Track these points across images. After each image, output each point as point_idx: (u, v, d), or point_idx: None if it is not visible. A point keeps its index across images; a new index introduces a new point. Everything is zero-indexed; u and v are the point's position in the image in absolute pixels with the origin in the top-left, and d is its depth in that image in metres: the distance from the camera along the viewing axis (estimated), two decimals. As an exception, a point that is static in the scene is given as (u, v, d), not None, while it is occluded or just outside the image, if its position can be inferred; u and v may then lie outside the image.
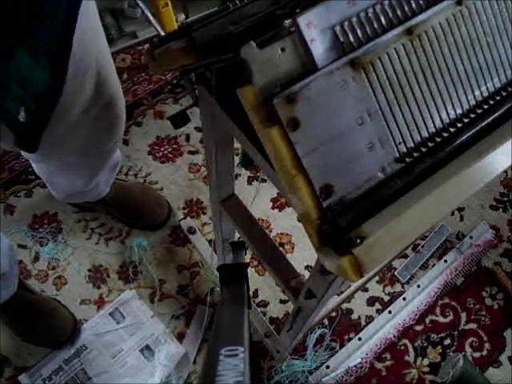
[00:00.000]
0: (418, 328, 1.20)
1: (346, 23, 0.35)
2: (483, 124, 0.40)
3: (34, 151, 0.60)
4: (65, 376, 1.09)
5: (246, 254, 0.76)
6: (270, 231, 1.29)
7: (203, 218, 1.31)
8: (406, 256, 1.27)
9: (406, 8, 0.37)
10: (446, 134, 0.39)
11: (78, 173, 0.98)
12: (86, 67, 0.67)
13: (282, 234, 1.29)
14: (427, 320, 1.21)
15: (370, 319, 1.20)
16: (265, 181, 1.34)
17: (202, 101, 0.56)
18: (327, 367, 1.11)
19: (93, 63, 0.69)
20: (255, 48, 0.32)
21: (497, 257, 1.31)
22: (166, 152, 1.38)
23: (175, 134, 1.40)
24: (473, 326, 1.22)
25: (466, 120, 0.40)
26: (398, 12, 0.37)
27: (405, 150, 0.38)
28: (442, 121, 0.39)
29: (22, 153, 0.81)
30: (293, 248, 1.28)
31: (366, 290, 1.24)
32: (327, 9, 0.34)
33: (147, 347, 1.13)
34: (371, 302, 1.23)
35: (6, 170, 1.31)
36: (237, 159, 1.36)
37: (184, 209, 1.31)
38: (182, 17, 1.54)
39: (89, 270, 1.21)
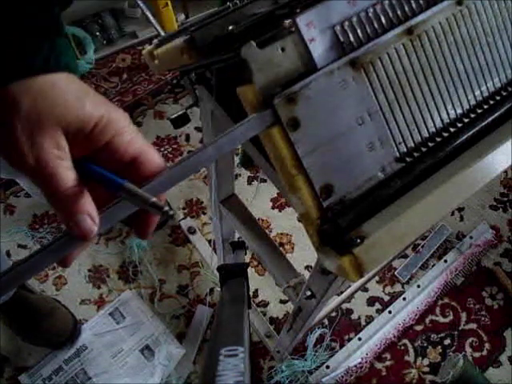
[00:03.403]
0: (418, 328, 1.20)
1: (346, 23, 0.35)
2: (483, 124, 0.40)
3: None
4: (65, 376, 1.08)
5: (245, 253, 0.76)
6: (270, 231, 1.29)
7: (203, 217, 1.31)
8: (406, 256, 1.27)
9: (406, 8, 0.37)
10: (446, 134, 0.39)
11: None
12: None
13: (282, 234, 1.29)
14: (427, 320, 1.21)
15: (370, 319, 1.19)
16: (265, 181, 1.34)
17: (201, 101, 0.56)
18: (327, 367, 1.11)
19: None
20: (255, 48, 0.32)
21: (497, 257, 1.31)
22: (166, 152, 1.38)
23: (175, 134, 1.40)
24: (473, 326, 1.22)
25: (466, 120, 0.40)
26: (398, 12, 0.37)
27: (405, 149, 0.38)
28: (442, 120, 0.39)
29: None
30: (293, 248, 1.28)
31: (366, 289, 1.24)
32: (327, 9, 0.34)
33: (147, 347, 1.13)
34: (371, 302, 1.23)
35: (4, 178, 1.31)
36: (237, 159, 1.36)
37: (184, 209, 1.31)
38: (182, 17, 1.55)
39: (89, 270, 1.21)
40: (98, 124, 0.28)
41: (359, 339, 1.15)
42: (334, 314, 1.19)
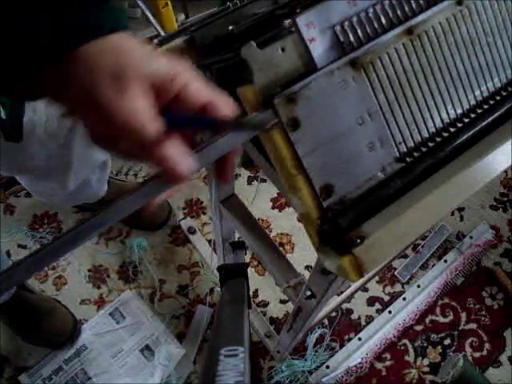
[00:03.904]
0: (418, 328, 1.20)
1: (346, 23, 0.35)
2: (483, 124, 0.40)
3: (19, 141, 0.65)
4: (65, 376, 1.08)
5: (246, 253, 0.76)
6: (270, 231, 1.29)
7: (203, 217, 1.31)
8: (406, 256, 1.27)
9: (407, 8, 0.37)
10: (446, 134, 0.39)
11: (52, 180, 0.96)
12: None
13: (282, 234, 1.29)
14: (427, 320, 1.21)
15: (370, 319, 1.19)
16: (265, 181, 1.34)
17: (202, 101, 0.56)
18: (327, 367, 1.11)
19: None
20: (255, 48, 0.32)
21: (497, 257, 1.31)
22: (165, 152, 1.38)
23: (175, 134, 1.40)
24: (473, 326, 1.22)
25: (466, 120, 0.40)
26: (398, 12, 0.37)
27: (405, 149, 0.38)
28: (442, 120, 0.39)
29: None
30: (293, 248, 1.28)
31: (366, 289, 1.24)
32: (327, 9, 0.34)
33: (147, 347, 1.13)
34: (371, 302, 1.23)
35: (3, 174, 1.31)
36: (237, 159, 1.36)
37: (184, 209, 1.31)
38: (182, 17, 1.54)
39: (89, 270, 1.21)
40: (169, 75, 0.29)
41: (359, 339, 1.15)
42: (334, 314, 1.19)
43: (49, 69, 0.27)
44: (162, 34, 1.33)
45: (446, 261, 1.25)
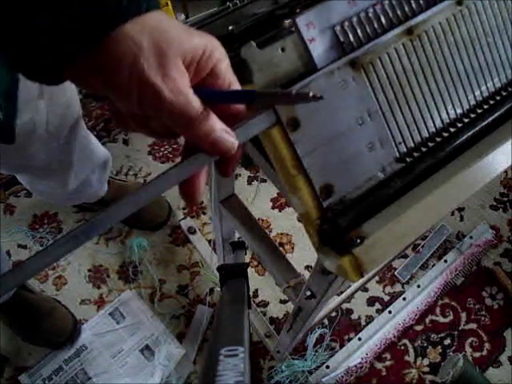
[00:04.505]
0: (418, 328, 1.20)
1: (346, 23, 0.35)
2: (483, 124, 0.40)
3: (12, 142, 0.65)
4: (65, 376, 1.08)
5: (246, 253, 0.76)
6: (270, 231, 1.29)
7: (203, 217, 1.31)
8: (406, 256, 1.27)
9: (406, 8, 0.37)
10: (446, 134, 0.39)
11: (52, 179, 0.96)
12: None
13: (282, 234, 1.29)
14: (427, 320, 1.21)
15: (370, 319, 1.19)
16: (265, 181, 1.34)
17: (202, 101, 0.56)
18: (327, 367, 1.11)
19: None
20: (255, 48, 0.32)
21: (497, 257, 1.31)
22: (166, 152, 1.38)
23: (175, 134, 1.40)
24: (473, 326, 1.22)
25: (466, 120, 0.40)
26: (398, 12, 0.37)
27: (405, 149, 0.38)
28: (442, 120, 0.39)
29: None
30: (293, 248, 1.28)
31: (366, 289, 1.24)
32: (327, 9, 0.34)
33: (147, 347, 1.13)
34: (371, 301, 1.23)
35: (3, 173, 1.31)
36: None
37: (184, 209, 1.31)
38: (182, 17, 1.54)
39: (89, 270, 1.21)
40: (205, 52, 0.29)
41: (359, 339, 1.15)
42: (334, 314, 1.19)
43: (90, 51, 0.27)
44: (162, 33, 1.33)
45: (446, 261, 1.25)
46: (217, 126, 0.29)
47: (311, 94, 0.27)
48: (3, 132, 0.63)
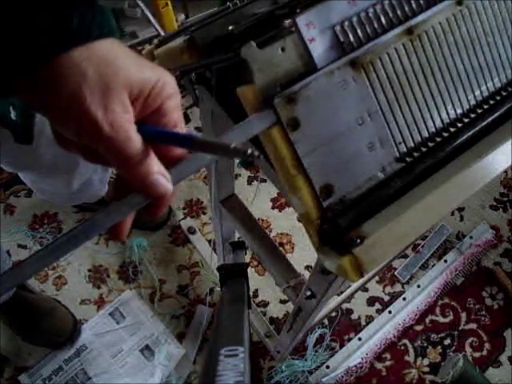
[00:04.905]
0: (418, 328, 1.20)
1: (346, 23, 0.35)
2: (483, 124, 0.40)
3: (30, 143, 0.64)
4: (65, 376, 1.08)
5: (246, 253, 0.76)
6: (270, 231, 1.29)
7: (203, 217, 1.31)
8: (406, 256, 1.27)
9: (407, 8, 0.37)
10: (446, 134, 0.39)
11: (57, 178, 0.96)
12: None
13: (282, 234, 1.29)
14: (427, 320, 1.21)
15: (369, 319, 1.19)
16: (265, 181, 1.34)
17: (201, 101, 0.56)
18: (327, 367, 1.11)
19: None
20: (255, 48, 0.32)
21: (497, 257, 1.31)
22: (165, 152, 1.38)
23: (175, 134, 1.40)
24: (473, 326, 1.22)
25: (466, 120, 0.40)
26: (398, 12, 0.37)
27: (405, 149, 0.38)
28: (442, 120, 0.39)
29: (2, 166, 0.83)
30: (293, 248, 1.28)
31: (366, 289, 1.24)
32: (327, 9, 0.34)
33: (147, 347, 1.13)
34: (371, 301, 1.23)
35: (6, 170, 1.31)
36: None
37: (184, 209, 1.31)
38: (182, 17, 1.54)
39: (89, 270, 1.21)
40: (155, 87, 0.28)
41: (359, 339, 1.15)
42: (334, 314, 1.19)
43: (33, 71, 0.26)
44: (162, 34, 1.33)
45: (446, 261, 1.25)
46: (154, 168, 0.28)
47: (249, 152, 0.26)
48: (22, 133, 0.62)
